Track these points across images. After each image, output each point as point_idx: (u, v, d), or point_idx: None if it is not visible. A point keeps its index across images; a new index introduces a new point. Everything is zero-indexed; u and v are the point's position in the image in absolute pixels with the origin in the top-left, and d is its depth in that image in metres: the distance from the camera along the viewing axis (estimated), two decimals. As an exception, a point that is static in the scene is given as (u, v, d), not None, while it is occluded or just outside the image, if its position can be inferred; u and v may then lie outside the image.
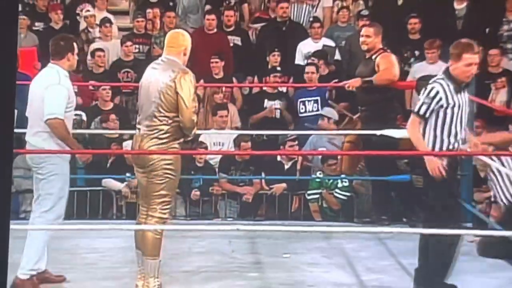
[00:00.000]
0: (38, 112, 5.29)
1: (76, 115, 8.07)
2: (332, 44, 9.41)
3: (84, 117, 8.43)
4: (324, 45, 9.35)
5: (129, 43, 9.38)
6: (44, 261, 5.42)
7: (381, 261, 6.01)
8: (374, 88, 6.90)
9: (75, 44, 5.53)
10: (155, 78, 5.08)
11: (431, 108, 4.94)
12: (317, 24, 9.46)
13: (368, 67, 7.02)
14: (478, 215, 6.70)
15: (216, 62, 9.00)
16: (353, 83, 7.11)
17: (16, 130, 5.87)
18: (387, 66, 6.94)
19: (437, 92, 4.93)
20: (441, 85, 4.96)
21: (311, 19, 9.73)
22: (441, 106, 4.93)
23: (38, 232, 5.27)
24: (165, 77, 5.02)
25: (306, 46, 9.39)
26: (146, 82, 5.18)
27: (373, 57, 6.98)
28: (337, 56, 9.42)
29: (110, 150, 8.08)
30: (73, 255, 6.07)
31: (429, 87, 5.00)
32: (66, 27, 9.79)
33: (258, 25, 9.90)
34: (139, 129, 5.12)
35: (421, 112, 4.95)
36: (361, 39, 7.06)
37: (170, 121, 4.99)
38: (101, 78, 9.08)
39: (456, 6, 9.62)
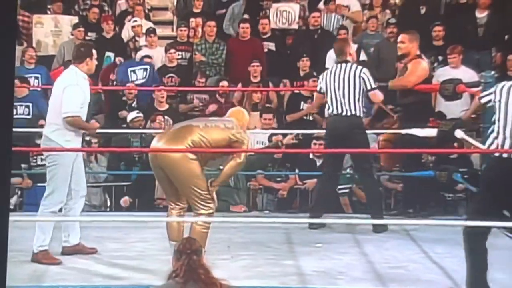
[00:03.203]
0: (54, 108, 5.60)
1: (137, 114, 8.28)
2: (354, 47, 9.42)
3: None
4: None
5: (172, 50, 9.49)
6: (77, 235, 5.73)
7: (406, 250, 6.00)
8: (411, 91, 6.84)
9: (94, 51, 5.76)
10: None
11: None
12: (343, 31, 9.51)
13: (402, 72, 6.98)
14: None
15: (258, 66, 9.10)
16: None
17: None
18: (409, 72, 6.88)
19: None
20: None
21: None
22: None
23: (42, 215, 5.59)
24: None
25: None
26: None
27: (408, 63, 6.91)
28: (363, 57, 9.41)
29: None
30: (123, 244, 6.14)
31: None
32: (117, 36, 9.91)
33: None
34: None
35: None
36: (397, 45, 6.99)
37: None
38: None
39: (478, 14, 9.59)
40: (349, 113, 6.57)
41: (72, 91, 5.53)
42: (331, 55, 9.42)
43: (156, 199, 7.88)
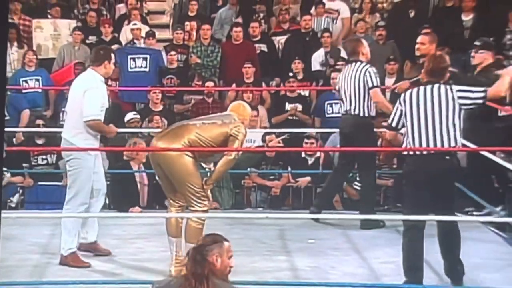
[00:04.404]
0: (73, 111, 5.49)
1: (134, 115, 8.26)
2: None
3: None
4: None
5: (173, 52, 9.50)
6: (95, 233, 5.64)
7: (396, 246, 5.97)
8: None
9: (112, 55, 5.63)
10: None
11: None
12: (326, 34, 9.57)
13: (419, 72, 6.93)
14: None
15: (249, 67, 9.13)
16: (402, 86, 7.08)
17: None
18: None
19: None
20: None
21: (331, 30, 9.83)
22: None
23: (67, 218, 5.47)
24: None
25: (320, 55, 9.46)
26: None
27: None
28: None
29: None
30: (122, 240, 6.13)
31: None
32: (115, 39, 9.89)
33: (282, 37, 9.96)
34: None
35: None
36: (416, 45, 6.85)
37: None
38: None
39: (464, 17, 9.65)
40: (354, 113, 6.54)
41: (92, 95, 5.41)
42: (316, 57, 9.49)
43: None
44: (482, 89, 5.00)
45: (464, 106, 4.94)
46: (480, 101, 4.98)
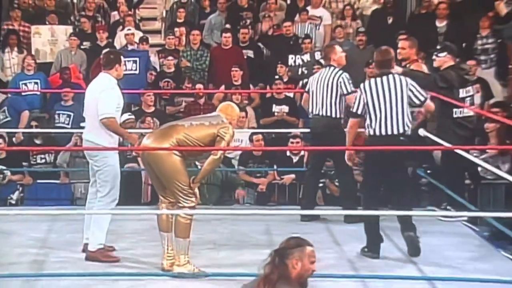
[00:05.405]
0: (92, 112, 5.44)
1: (129, 116, 8.26)
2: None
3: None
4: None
5: (170, 58, 9.50)
6: None
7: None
8: None
9: (122, 58, 5.63)
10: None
11: None
12: (307, 40, 9.64)
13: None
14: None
15: (236, 71, 9.17)
16: None
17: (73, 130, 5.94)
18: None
19: None
20: None
21: (312, 35, 9.87)
22: None
23: (99, 214, 5.41)
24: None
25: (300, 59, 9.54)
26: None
27: (408, 65, 6.86)
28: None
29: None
30: (117, 235, 6.12)
31: None
32: (110, 44, 9.89)
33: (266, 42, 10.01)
34: None
35: None
36: (397, 50, 6.78)
37: None
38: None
39: (438, 24, 9.73)
40: (326, 114, 6.59)
41: (108, 95, 5.39)
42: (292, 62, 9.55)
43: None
44: (425, 95, 5.52)
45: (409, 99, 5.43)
46: (418, 103, 5.49)
